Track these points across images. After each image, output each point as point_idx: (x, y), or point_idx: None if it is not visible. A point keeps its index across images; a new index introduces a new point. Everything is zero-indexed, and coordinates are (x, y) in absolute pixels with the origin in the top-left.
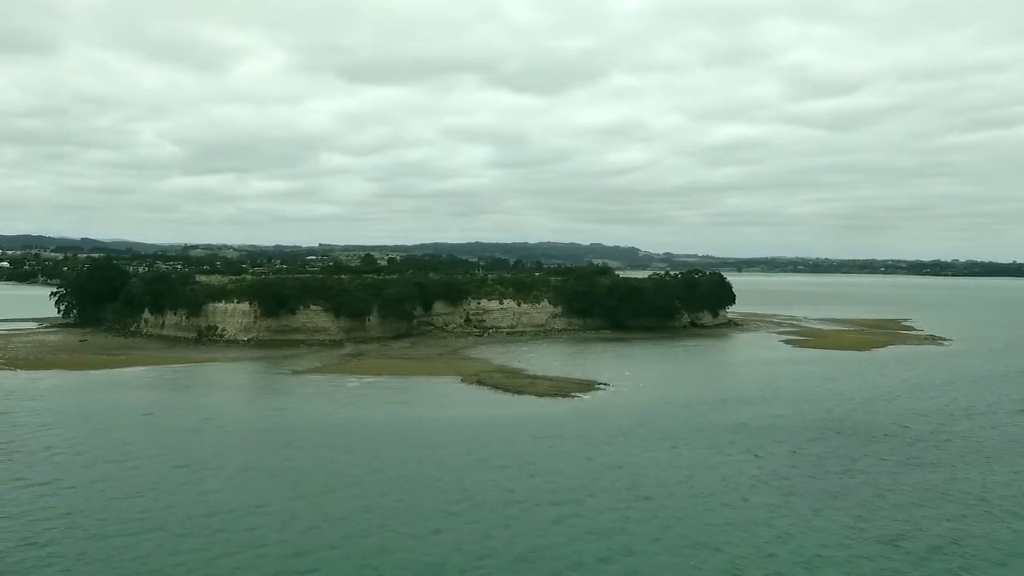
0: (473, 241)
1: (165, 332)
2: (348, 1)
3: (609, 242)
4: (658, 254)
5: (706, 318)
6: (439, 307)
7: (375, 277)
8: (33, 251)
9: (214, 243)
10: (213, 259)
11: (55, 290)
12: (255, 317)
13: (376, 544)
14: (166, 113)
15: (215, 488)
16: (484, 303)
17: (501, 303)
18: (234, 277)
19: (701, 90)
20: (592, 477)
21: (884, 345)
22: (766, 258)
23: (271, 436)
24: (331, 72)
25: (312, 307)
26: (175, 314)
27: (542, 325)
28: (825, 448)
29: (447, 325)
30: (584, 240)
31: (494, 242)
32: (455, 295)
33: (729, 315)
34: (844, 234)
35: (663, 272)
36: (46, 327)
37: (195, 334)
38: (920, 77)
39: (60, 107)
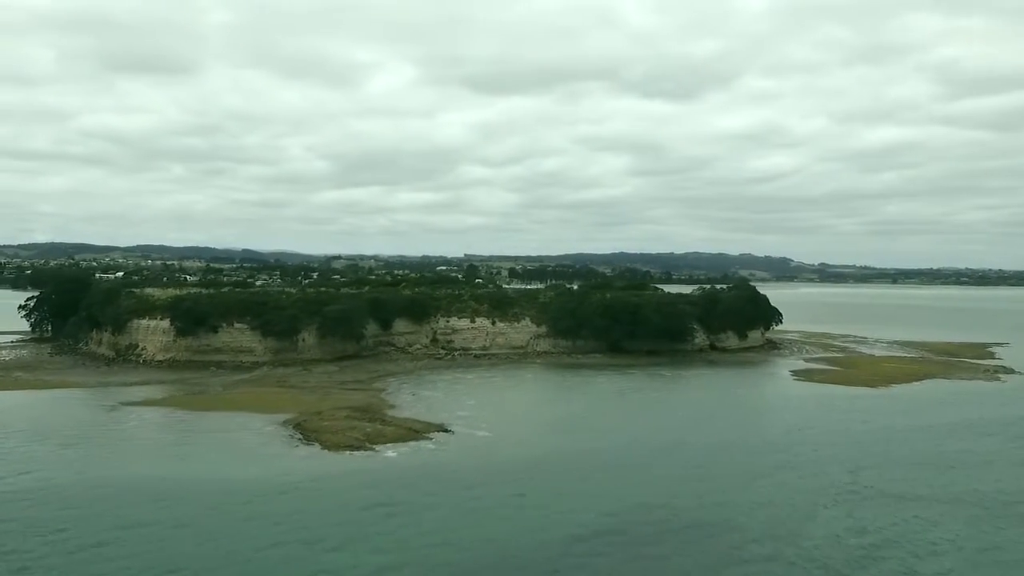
0: (618, 251)
1: (100, 350)
2: (463, 12)
3: (759, 252)
4: (811, 265)
5: (730, 340)
6: (402, 325)
7: (333, 292)
8: (185, 261)
9: (367, 254)
10: (354, 270)
11: (23, 303)
12: (174, 336)
13: None
14: (310, 128)
15: None
16: (453, 321)
17: (472, 321)
18: (180, 291)
19: (843, 91)
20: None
21: (920, 379)
22: (929, 269)
23: None
24: (457, 84)
25: (237, 325)
26: (106, 330)
27: (522, 347)
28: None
29: (410, 346)
30: (733, 250)
31: (639, 252)
32: (420, 312)
33: (771, 335)
34: (1018, 243)
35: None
36: (21, 341)
37: (114, 352)
38: None
39: (214, 125)
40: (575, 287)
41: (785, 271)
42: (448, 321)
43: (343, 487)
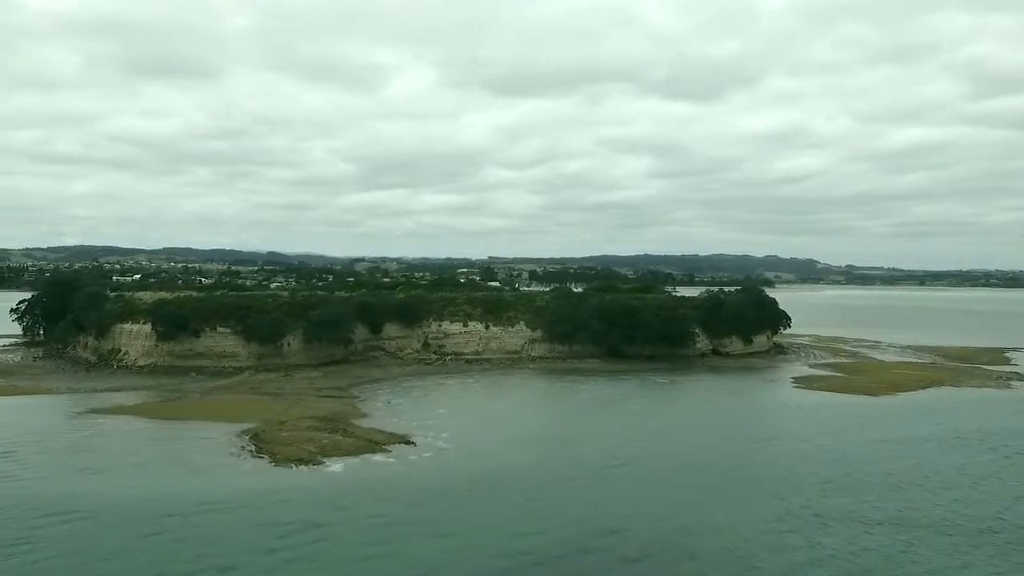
0: (642, 253)
1: (85, 354)
2: (482, 14)
3: (785, 254)
4: (838, 267)
5: (734, 345)
6: (392, 330)
7: (325, 296)
8: (209, 264)
9: (391, 256)
10: (374, 272)
11: (14, 307)
12: (156, 340)
13: None
14: (333, 131)
15: None
16: (445, 325)
17: (465, 325)
18: (166, 295)
19: (868, 91)
20: None
21: (927, 386)
22: (958, 271)
23: None
24: (478, 86)
25: (220, 329)
26: (90, 334)
27: (516, 352)
28: None
29: (401, 350)
30: (758, 252)
31: (664, 254)
32: (410, 316)
33: (780, 339)
34: None
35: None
36: (14, 345)
37: (96, 357)
38: None
39: (239, 128)
40: (580, 289)
41: (811, 273)
42: (440, 325)
43: (271, 503)
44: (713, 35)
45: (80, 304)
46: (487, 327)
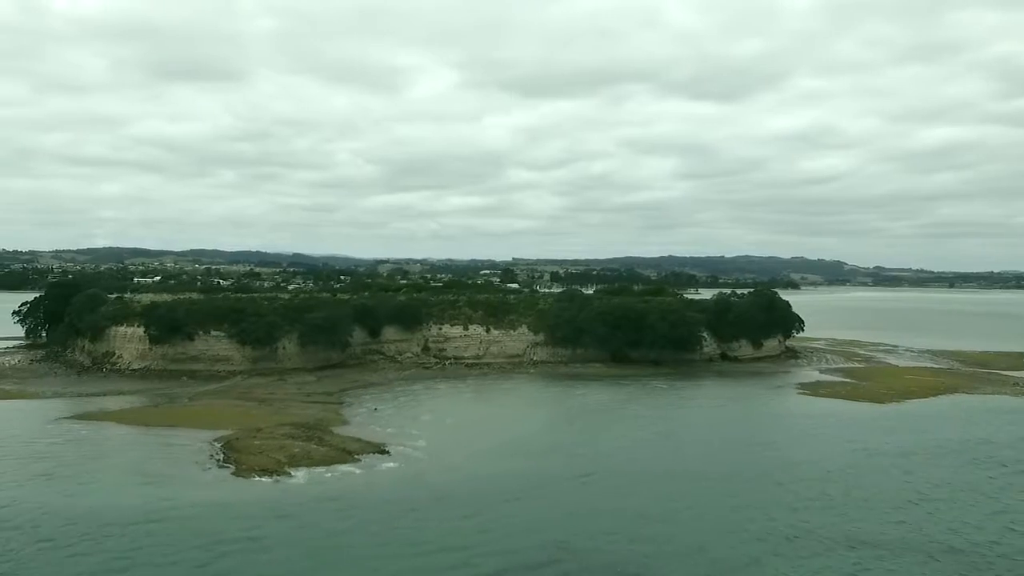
0: (667, 255)
1: (80, 357)
2: (503, 15)
3: (812, 255)
4: (866, 268)
5: (743, 349)
6: (391, 333)
7: (325, 298)
8: (234, 266)
9: (416, 258)
10: (397, 273)
11: (16, 309)
12: (149, 344)
13: None
14: (357, 133)
15: None
16: (446, 328)
17: (466, 329)
18: (167, 296)
19: (895, 90)
20: None
21: (939, 393)
22: (989, 273)
23: None
24: (500, 87)
25: (213, 333)
26: (85, 337)
27: (518, 356)
28: None
29: (400, 354)
30: (785, 253)
31: (689, 256)
32: (410, 319)
33: (794, 343)
34: None
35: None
36: (15, 347)
37: (90, 360)
38: None
39: (264, 131)
40: (591, 291)
41: (839, 275)
42: (441, 329)
43: (216, 515)
44: (737, 34)
45: (76, 306)
46: (488, 331)
